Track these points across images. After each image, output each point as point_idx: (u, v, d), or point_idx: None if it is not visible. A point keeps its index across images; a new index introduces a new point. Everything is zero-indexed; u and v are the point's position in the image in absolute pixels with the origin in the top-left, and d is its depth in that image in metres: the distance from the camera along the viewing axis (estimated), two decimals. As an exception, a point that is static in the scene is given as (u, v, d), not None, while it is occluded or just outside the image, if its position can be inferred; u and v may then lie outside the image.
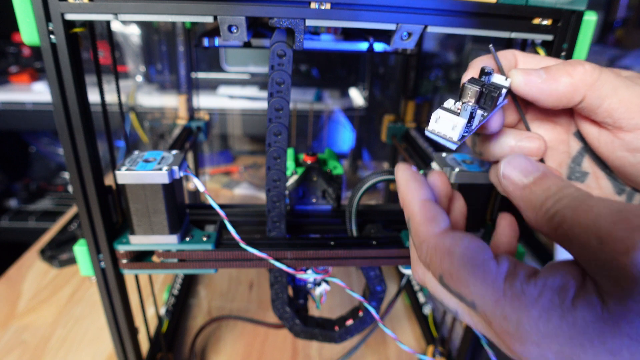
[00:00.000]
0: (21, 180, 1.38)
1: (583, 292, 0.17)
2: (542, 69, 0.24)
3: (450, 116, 0.23)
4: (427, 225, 0.22)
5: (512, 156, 0.23)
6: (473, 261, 0.19)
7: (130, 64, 1.20)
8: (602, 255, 0.17)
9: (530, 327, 0.17)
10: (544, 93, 0.23)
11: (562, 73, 0.23)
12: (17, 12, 0.28)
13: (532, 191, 0.21)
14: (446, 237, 0.21)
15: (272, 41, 0.31)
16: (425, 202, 0.23)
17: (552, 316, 0.17)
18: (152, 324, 0.57)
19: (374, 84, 1.22)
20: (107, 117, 0.36)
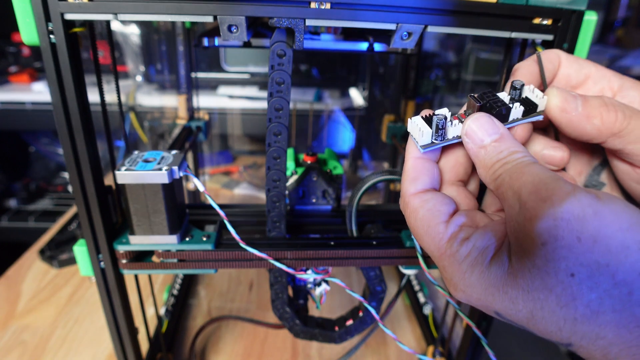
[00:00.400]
0: (21, 180, 1.38)
1: (499, 252, 0.21)
2: (581, 99, 0.24)
3: (423, 124, 0.24)
4: (407, 183, 0.25)
5: (477, 115, 0.24)
6: (428, 222, 0.24)
7: (130, 64, 1.20)
8: (517, 219, 0.20)
9: (459, 279, 0.22)
10: (571, 126, 0.24)
11: (597, 114, 0.23)
12: (17, 12, 0.28)
13: (487, 151, 0.23)
14: (416, 198, 0.25)
15: (272, 41, 0.31)
16: (417, 160, 0.26)
17: (474, 272, 0.21)
18: (152, 324, 0.57)
19: (374, 84, 1.22)
20: (107, 117, 0.36)
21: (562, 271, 0.19)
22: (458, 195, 0.27)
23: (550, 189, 0.19)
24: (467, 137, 0.24)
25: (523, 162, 0.21)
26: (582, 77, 0.27)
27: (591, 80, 0.27)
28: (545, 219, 0.19)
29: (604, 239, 0.18)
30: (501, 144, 0.23)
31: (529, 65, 0.27)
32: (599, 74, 0.27)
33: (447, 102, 1.23)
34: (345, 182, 1.01)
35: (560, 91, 0.24)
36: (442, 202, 0.24)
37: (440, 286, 0.35)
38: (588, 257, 0.18)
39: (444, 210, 0.24)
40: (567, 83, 0.27)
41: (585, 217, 0.18)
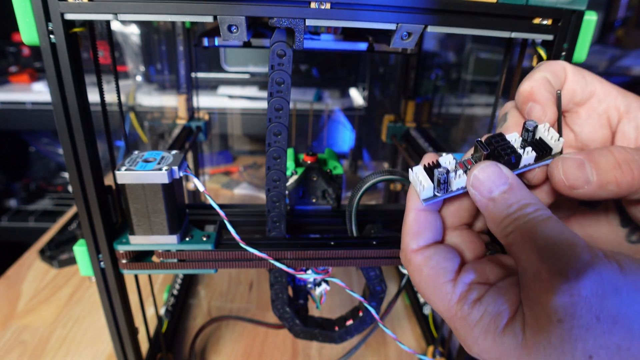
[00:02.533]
0: (21, 180, 1.38)
1: (512, 321, 0.20)
2: (591, 167, 0.21)
3: (424, 177, 0.23)
4: (408, 238, 0.24)
5: (484, 164, 0.22)
6: (434, 282, 0.23)
7: (130, 64, 1.20)
8: (532, 287, 0.19)
9: (472, 343, 0.21)
10: (584, 197, 0.22)
11: (611, 179, 0.21)
12: (17, 12, 0.28)
13: (495, 204, 0.21)
14: (418, 255, 0.24)
15: (272, 41, 0.31)
16: (419, 212, 0.25)
17: (487, 338, 0.21)
18: (152, 324, 0.57)
19: (374, 84, 1.22)
20: (107, 117, 0.36)
21: (579, 352, 0.17)
22: (463, 241, 0.25)
23: (566, 258, 0.18)
24: (474, 188, 0.22)
25: (535, 218, 0.20)
26: (587, 94, 0.25)
27: (596, 99, 0.25)
28: (561, 294, 0.17)
29: (626, 320, 0.17)
30: (511, 195, 0.21)
31: (545, 99, 0.24)
32: (604, 91, 0.25)
33: (447, 102, 1.23)
34: (345, 182, 1.01)
35: (566, 166, 0.22)
36: (447, 257, 0.23)
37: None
38: (607, 339, 0.17)
39: (449, 267, 0.23)
40: (571, 99, 0.26)
41: (605, 294, 0.17)
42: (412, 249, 0.24)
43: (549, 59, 0.34)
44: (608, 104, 0.25)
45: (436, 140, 0.61)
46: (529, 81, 0.25)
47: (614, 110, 0.25)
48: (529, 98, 0.25)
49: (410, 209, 0.25)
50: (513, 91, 0.40)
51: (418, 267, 0.23)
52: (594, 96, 0.25)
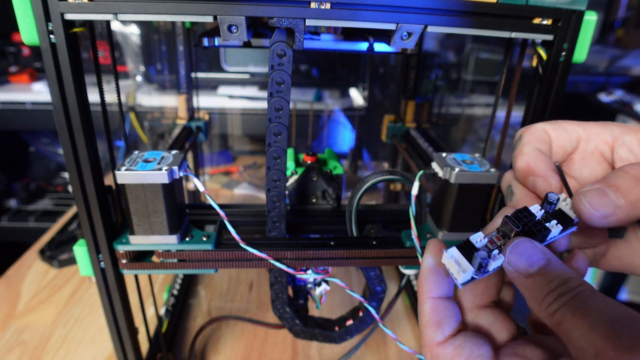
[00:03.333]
0: (21, 180, 1.38)
1: None
2: (613, 191, 0.21)
3: (462, 259, 0.22)
4: (430, 330, 0.22)
5: (518, 241, 0.21)
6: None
7: (130, 64, 1.20)
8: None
9: None
10: (620, 222, 0.22)
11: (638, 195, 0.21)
12: (17, 12, 0.28)
13: (535, 282, 0.20)
14: (447, 347, 0.22)
15: (272, 41, 0.31)
16: (436, 301, 0.23)
17: None
18: (152, 324, 0.57)
19: (374, 84, 1.22)
20: (107, 117, 0.36)
21: None
22: (495, 322, 0.24)
23: (632, 334, 0.16)
24: (511, 266, 0.21)
25: (583, 293, 0.19)
26: (574, 141, 0.26)
27: (583, 141, 0.26)
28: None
29: None
30: (550, 271, 0.20)
31: (537, 160, 0.25)
32: (587, 131, 0.26)
33: (447, 102, 1.23)
34: (345, 182, 1.01)
35: (590, 198, 0.21)
36: (478, 343, 0.22)
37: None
38: None
39: (485, 354, 0.21)
40: (564, 154, 0.27)
41: None
42: (438, 342, 0.22)
43: (548, 59, 0.34)
44: (595, 142, 0.26)
45: (436, 140, 0.61)
46: (521, 156, 0.25)
47: (604, 145, 0.26)
48: (528, 173, 0.25)
49: (425, 299, 0.23)
50: (513, 91, 0.40)
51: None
52: (580, 140, 0.26)
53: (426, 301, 0.23)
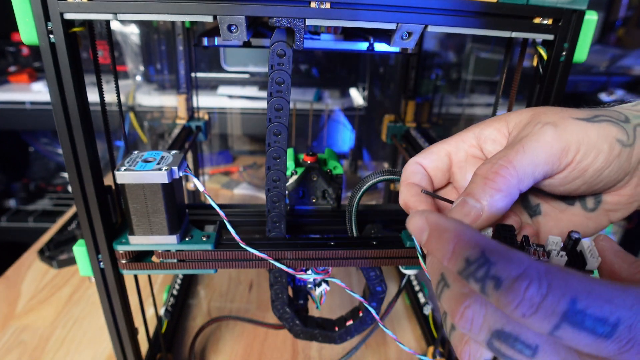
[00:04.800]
0: (20, 180, 1.38)
1: None
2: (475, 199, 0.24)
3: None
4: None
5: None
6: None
7: (130, 64, 1.20)
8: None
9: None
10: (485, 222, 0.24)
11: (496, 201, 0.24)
12: (16, 11, 0.28)
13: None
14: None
15: (272, 41, 0.30)
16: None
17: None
18: (152, 324, 0.57)
19: (374, 83, 1.22)
20: (107, 116, 0.36)
21: None
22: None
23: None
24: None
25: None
26: (445, 158, 0.29)
27: (453, 154, 0.29)
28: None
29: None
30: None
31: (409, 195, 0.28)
32: (454, 143, 0.29)
33: (448, 102, 1.23)
34: (345, 182, 1.01)
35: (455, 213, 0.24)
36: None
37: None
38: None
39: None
40: (443, 172, 0.29)
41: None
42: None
43: (549, 58, 0.34)
44: (464, 149, 0.29)
45: (436, 140, 0.61)
46: (399, 196, 0.29)
47: (472, 148, 0.29)
48: (406, 209, 0.28)
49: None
50: (513, 91, 0.40)
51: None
52: (450, 154, 0.29)
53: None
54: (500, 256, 0.18)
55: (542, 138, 0.24)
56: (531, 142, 0.24)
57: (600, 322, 0.16)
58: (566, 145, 0.24)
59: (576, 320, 0.16)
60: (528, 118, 0.26)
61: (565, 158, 0.24)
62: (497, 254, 0.18)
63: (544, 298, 0.16)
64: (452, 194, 0.31)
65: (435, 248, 0.20)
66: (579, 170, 0.25)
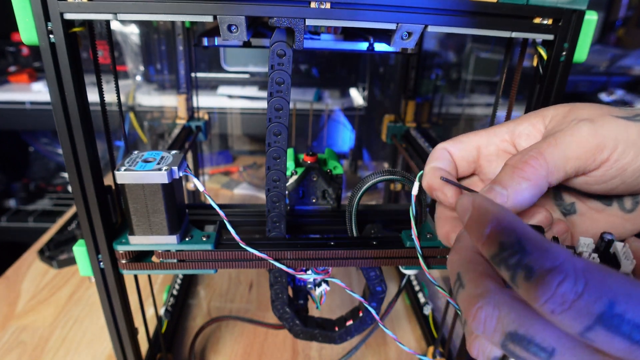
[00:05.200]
0: (20, 180, 1.38)
1: None
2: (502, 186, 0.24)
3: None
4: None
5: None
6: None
7: (130, 64, 1.20)
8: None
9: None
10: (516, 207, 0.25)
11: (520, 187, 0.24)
12: (16, 11, 0.28)
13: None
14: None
15: (272, 41, 0.30)
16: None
17: None
18: (152, 324, 0.57)
19: (374, 83, 1.22)
20: (107, 116, 0.36)
21: None
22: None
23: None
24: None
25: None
26: (474, 150, 0.29)
27: (483, 147, 0.29)
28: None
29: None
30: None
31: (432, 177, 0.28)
32: (486, 137, 0.29)
33: (448, 102, 1.23)
34: (345, 182, 1.01)
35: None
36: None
37: (440, 286, 0.35)
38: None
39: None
40: (468, 163, 0.29)
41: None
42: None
43: (549, 58, 0.34)
44: (495, 143, 0.29)
45: (436, 140, 0.61)
46: (423, 178, 0.29)
47: (503, 143, 0.28)
48: (430, 190, 0.28)
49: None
50: (513, 91, 0.40)
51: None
52: (480, 147, 0.29)
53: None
54: (536, 246, 0.17)
55: (576, 133, 0.24)
56: (565, 136, 0.24)
57: (639, 328, 0.15)
58: (602, 142, 0.23)
59: (612, 324, 0.15)
60: (565, 113, 0.26)
61: (600, 155, 0.24)
62: (534, 243, 0.17)
63: (579, 297, 0.15)
64: (477, 185, 0.30)
65: (473, 229, 0.20)
66: (616, 169, 0.24)
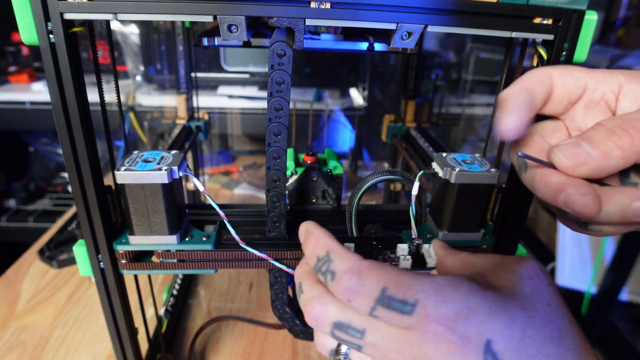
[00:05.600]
0: (20, 180, 1.38)
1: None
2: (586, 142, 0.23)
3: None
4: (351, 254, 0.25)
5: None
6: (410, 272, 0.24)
7: (130, 64, 1.20)
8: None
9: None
10: (594, 172, 0.23)
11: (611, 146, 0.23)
12: (16, 11, 0.28)
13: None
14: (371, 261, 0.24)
15: (272, 41, 0.30)
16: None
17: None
18: (152, 324, 0.57)
19: (374, 83, 1.22)
20: (107, 116, 0.36)
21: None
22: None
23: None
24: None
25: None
26: (581, 89, 0.26)
27: (590, 90, 0.26)
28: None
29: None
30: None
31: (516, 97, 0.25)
32: (594, 79, 0.26)
33: (448, 102, 1.23)
34: (345, 182, 1.01)
35: (563, 149, 0.23)
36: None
37: None
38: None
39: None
40: (568, 101, 0.26)
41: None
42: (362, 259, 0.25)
43: (549, 58, 0.34)
44: (602, 90, 0.25)
45: (436, 140, 0.61)
46: (507, 89, 0.26)
47: (610, 93, 0.25)
48: (502, 104, 0.26)
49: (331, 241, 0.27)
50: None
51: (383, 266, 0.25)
52: (587, 88, 0.26)
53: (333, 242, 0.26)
54: (338, 255, 0.24)
55: None
56: None
57: (403, 303, 0.21)
58: None
59: (385, 302, 0.21)
60: None
61: None
62: (338, 254, 0.24)
63: (361, 287, 0.22)
64: (555, 135, 0.28)
65: (305, 249, 0.27)
66: None
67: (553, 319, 0.21)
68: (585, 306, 1.09)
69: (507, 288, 0.22)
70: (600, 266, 1.09)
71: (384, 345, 0.22)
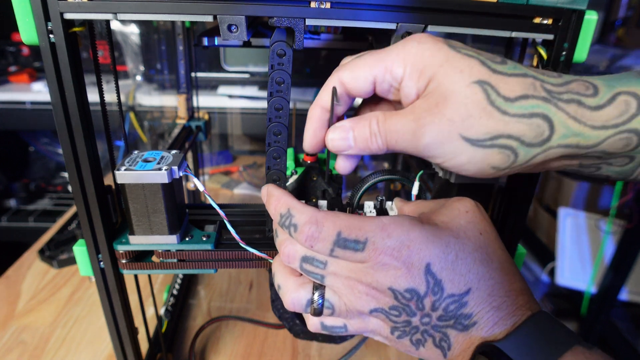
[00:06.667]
0: (20, 180, 1.38)
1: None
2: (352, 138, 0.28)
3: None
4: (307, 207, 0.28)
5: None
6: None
7: (130, 64, 1.20)
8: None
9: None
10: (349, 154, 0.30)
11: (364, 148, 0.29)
12: (16, 11, 0.28)
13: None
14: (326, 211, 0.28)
15: (272, 40, 0.30)
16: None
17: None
18: (152, 324, 0.57)
19: (374, 83, 1.22)
20: (107, 116, 0.36)
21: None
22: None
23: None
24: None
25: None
26: (372, 84, 0.28)
27: (379, 81, 0.28)
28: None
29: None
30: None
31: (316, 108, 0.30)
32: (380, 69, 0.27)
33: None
34: (345, 182, 1.01)
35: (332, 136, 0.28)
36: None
37: None
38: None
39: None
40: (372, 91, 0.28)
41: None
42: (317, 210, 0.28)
43: (549, 58, 0.34)
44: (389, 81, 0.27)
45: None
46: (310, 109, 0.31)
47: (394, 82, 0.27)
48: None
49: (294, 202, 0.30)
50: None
51: (335, 213, 0.28)
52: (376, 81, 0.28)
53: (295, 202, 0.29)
54: (297, 210, 0.27)
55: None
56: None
57: (356, 242, 0.25)
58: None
59: (341, 244, 0.26)
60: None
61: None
62: (296, 209, 0.28)
63: (320, 232, 0.26)
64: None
65: (268, 208, 0.30)
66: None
67: (483, 245, 0.26)
68: (585, 306, 1.09)
69: (445, 222, 0.27)
70: (599, 266, 1.09)
71: (343, 274, 0.27)
